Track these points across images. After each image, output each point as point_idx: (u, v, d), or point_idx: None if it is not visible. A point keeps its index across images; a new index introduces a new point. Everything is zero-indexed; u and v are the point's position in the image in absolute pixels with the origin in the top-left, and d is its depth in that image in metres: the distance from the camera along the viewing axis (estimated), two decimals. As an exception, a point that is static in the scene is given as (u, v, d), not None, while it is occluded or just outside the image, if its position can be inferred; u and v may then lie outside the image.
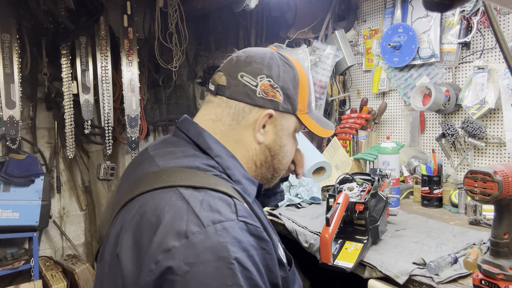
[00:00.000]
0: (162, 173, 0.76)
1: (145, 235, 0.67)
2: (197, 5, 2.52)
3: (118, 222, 0.75)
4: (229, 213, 0.69)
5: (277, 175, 0.96)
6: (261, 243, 0.70)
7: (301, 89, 0.91)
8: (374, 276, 1.10)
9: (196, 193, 0.70)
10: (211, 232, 0.64)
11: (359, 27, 2.54)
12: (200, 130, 0.86)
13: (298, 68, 0.92)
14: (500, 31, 0.59)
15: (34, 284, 2.30)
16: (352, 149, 2.31)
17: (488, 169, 0.85)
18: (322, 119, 1.00)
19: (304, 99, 0.92)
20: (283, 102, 0.88)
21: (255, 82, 0.86)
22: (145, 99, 2.82)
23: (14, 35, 2.26)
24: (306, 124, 0.93)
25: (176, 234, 0.64)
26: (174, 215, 0.66)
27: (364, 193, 1.22)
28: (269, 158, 0.91)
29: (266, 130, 0.88)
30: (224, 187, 0.75)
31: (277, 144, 0.90)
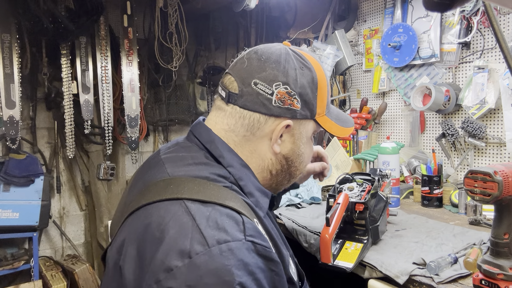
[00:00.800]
0: (170, 183, 0.73)
1: (148, 249, 0.65)
2: (197, 5, 2.52)
3: (123, 230, 0.73)
4: (236, 232, 0.65)
5: (293, 179, 0.91)
6: (270, 264, 0.66)
7: (320, 92, 0.84)
8: (374, 276, 1.10)
9: (203, 208, 0.67)
10: (215, 253, 0.61)
11: (359, 27, 2.54)
12: (213, 136, 0.81)
13: (316, 68, 0.84)
14: (500, 31, 0.59)
15: (34, 284, 2.30)
16: (352, 149, 2.31)
17: (488, 169, 0.85)
18: (342, 117, 0.94)
19: (323, 101, 0.86)
20: (301, 109, 0.82)
21: (271, 91, 0.79)
22: (145, 99, 2.82)
23: (14, 35, 2.26)
24: (325, 127, 0.88)
25: (179, 253, 0.61)
26: (178, 231, 0.63)
27: (364, 193, 1.22)
28: (285, 166, 0.86)
29: (283, 139, 0.83)
30: (233, 201, 0.71)
31: (295, 153, 0.85)
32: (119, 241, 0.72)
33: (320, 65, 0.86)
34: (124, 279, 0.67)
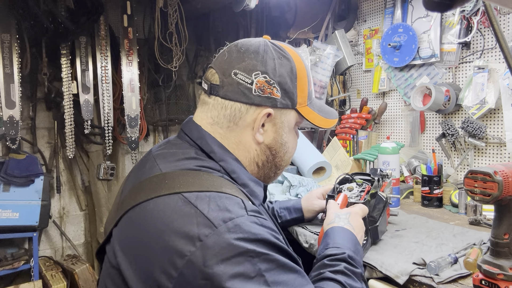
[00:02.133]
0: (164, 178, 0.74)
1: (153, 242, 0.66)
2: (197, 5, 2.52)
3: (121, 228, 0.74)
4: (239, 209, 0.68)
5: (279, 171, 0.94)
6: (273, 233, 0.70)
7: (299, 82, 0.86)
8: (374, 276, 1.10)
9: (201, 195, 0.69)
10: (223, 231, 0.64)
11: (359, 27, 2.54)
12: (203, 133, 0.83)
13: (295, 59, 0.86)
14: (500, 31, 0.59)
15: (34, 284, 2.30)
16: (352, 149, 2.31)
17: (488, 169, 0.85)
18: (324, 109, 0.95)
19: (304, 91, 0.87)
20: (281, 98, 0.83)
21: (250, 80, 0.81)
22: (145, 99, 2.82)
23: (14, 35, 2.25)
24: (307, 117, 0.89)
25: (190, 239, 0.63)
26: (183, 220, 0.65)
27: (364, 193, 1.21)
28: (270, 157, 0.88)
29: (265, 129, 0.85)
30: (229, 188, 0.73)
31: (278, 142, 0.87)
32: (117, 239, 0.73)
33: (299, 57, 0.88)
34: (125, 276, 0.68)
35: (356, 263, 0.85)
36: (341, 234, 0.93)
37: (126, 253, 0.70)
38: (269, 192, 1.77)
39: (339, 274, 0.80)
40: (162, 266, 0.64)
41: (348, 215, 1.01)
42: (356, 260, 0.86)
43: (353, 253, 0.86)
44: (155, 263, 0.65)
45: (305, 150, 2.09)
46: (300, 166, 2.04)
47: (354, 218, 1.01)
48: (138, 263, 0.67)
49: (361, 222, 1.02)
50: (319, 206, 1.32)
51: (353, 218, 1.00)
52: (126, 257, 0.69)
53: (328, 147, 2.27)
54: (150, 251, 0.66)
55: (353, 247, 0.89)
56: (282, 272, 0.66)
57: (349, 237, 0.93)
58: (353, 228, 0.96)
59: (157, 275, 0.64)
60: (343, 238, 0.91)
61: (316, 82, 2.33)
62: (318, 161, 1.97)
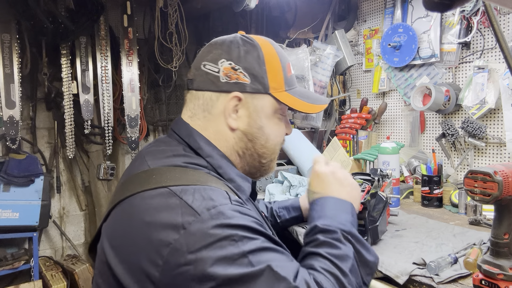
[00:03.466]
0: (152, 173, 0.76)
1: (140, 234, 0.68)
2: (197, 5, 2.52)
3: (110, 222, 0.76)
4: (222, 198, 0.71)
5: (266, 161, 0.92)
6: (257, 221, 0.72)
7: (269, 67, 0.87)
8: (374, 276, 1.10)
9: (187, 187, 0.71)
10: (206, 218, 0.66)
11: (359, 27, 2.54)
12: (190, 130, 0.86)
13: (263, 46, 0.88)
14: (500, 31, 0.59)
15: (34, 284, 2.30)
16: (352, 149, 2.31)
17: (488, 169, 0.85)
18: (309, 95, 0.94)
19: (277, 77, 0.88)
20: (250, 83, 0.85)
21: (217, 68, 0.85)
22: (145, 99, 2.82)
23: (14, 35, 2.26)
24: (284, 101, 0.88)
25: (174, 228, 0.65)
26: (168, 211, 0.67)
27: (364, 193, 1.21)
28: (249, 144, 0.88)
29: (239, 115, 0.86)
30: (215, 183, 0.75)
31: (253, 127, 0.87)
32: (105, 234, 0.75)
33: (271, 44, 0.91)
34: (114, 271, 0.69)
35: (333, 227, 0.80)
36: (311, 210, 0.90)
37: (114, 247, 0.71)
38: (269, 192, 1.77)
39: (318, 247, 0.78)
40: (148, 256, 0.65)
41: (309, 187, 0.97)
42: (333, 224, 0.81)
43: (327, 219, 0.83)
44: (142, 254, 0.66)
45: (305, 150, 2.09)
46: (300, 166, 2.04)
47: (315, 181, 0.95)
48: (125, 256, 0.69)
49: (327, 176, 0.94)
50: None
51: (315, 183, 0.95)
52: (114, 251, 0.71)
53: (328, 147, 2.27)
54: (137, 243, 0.68)
55: (326, 213, 0.85)
56: (266, 252, 0.67)
57: (317, 207, 0.89)
58: (318, 193, 0.92)
59: (144, 265, 0.65)
60: (313, 212, 0.88)
61: (316, 82, 2.33)
62: (318, 161, 1.97)
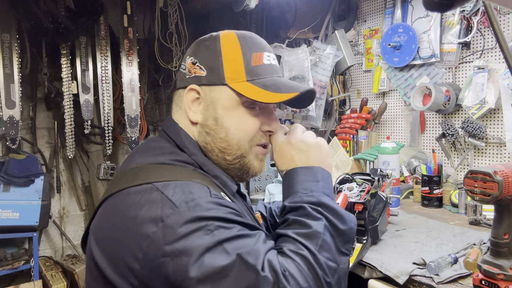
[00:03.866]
0: (140, 170, 0.78)
1: (124, 228, 0.70)
2: (197, 5, 2.52)
3: (97, 218, 0.78)
4: (202, 192, 0.72)
5: (231, 158, 0.86)
6: (238, 212, 0.73)
7: (226, 57, 0.85)
8: (374, 276, 1.10)
9: (170, 183, 0.73)
10: (183, 210, 0.67)
11: (359, 27, 2.54)
12: (178, 129, 0.88)
13: (224, 37, 0.88)
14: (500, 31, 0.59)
15: (34, 284, 2.30)
16: (352, 149, 2.31)
17: (488, 169, 0.85)
18: (279, 85, 0.85)
19: (235, 66, 0.85)
20: (206, 75, 0.85)
21: (185, 66, 0.89)
22: (145, 99, 2.82)
23: (14, 35, 2.25)
24: (241, 91, 0.83)
25: (153, 221, 0.67)
26: (150, 205, 0.69)
27: (364, 193, 1.21)
28: (208, 138, 0.86)
29: (199, 108, 0.87)
30: (200, 179, 0.77)
31: (209, 119, 0.85)
32: (92, 231, 0.77)
33: (235, 35, 0.88)
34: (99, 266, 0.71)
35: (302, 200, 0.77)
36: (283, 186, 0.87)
37: (99, 243, 0.73)
38: (269, 192, 1.77)
39: (287, 227, 0.76)
40: (130, 249, 0.67)
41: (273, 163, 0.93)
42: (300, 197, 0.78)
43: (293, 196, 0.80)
44: (125, 248, 0.68)
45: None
46: (300, 166, 2.04)
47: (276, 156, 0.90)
48: (110, 251, 0.71)
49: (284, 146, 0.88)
50: None
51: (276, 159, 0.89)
52: (99, 247, 0.73)
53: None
54: (120, 237, 0.70)
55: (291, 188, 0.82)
56: (240, 239, 0.68)
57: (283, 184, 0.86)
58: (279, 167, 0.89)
59: (127, 259, 0.67)
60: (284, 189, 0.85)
61: (316, 82, 2.33)
62: (318, 161, 1.96)
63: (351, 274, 1.16)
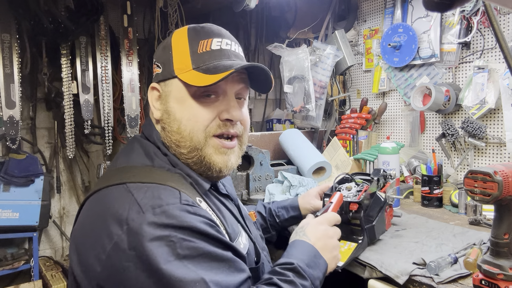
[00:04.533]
0: (119, 171, 0.81)
1: (93, 227, 0.72)
2: (197, 5, 2.52)
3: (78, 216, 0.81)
4: (172, 198, 0.72)
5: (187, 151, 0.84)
6: (208, 221, 0.73)
7: (175, 50, 0.87)
8: (374, 276, 1.10)
9: (142, 185, 0.74)
10: (148, 216, 0.68)
11: (359, 27, 2.54)
12: (151, 129, 0.90)
13: (175, 33, 0.91)
14: (500, 31, 0.59)
15: (34, 284, 2.30)
16: (352, 149, 2.31)
17: (488, 169, 0.85)
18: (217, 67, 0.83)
19: (182, 57, 0.85)
20: (161, 72, 0.89)
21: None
22: (145, 99, 2.82)
23: (14, 35, 2.26)
24: (186, 80, 0.83)
25: (119, 223, 0.68)
26: (118, 207, 0.70)
27: (360, 193, 1.21)
28: (163, 133, 0.87)
29: (161, 106, 0.88)
30: (174, 182, 0.78)
31: (164, 114, 0.86)
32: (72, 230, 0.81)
33: (185, 28, 0.89)
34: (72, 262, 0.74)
35: (307, 274, 0.84)
36: (295, 246, 0.93)
37: (74, 241, 0.76)
38: (269, 192, 1.77)
39: (287, 283, 0.80)
40: (95, 248, 0.68)
41: (305, 227, 0.99)
42: (308, 272, 0.85)
43: (305, 264, 0.86)
44: (91, 247, 0.69)
45: (305, 150, 2.09)
46: (300, 166, 2.04)
47: (312, 228, 0.98)
48: (80, 249, 0.73)
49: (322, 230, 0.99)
50: (315, 204, 1.32)
51: (311, 229, 0.98)
52: (73, 244, 0.75)
53: (328, 147, 2.27)
54: (90, 234, 0.71)
55: (307, 259, 0.88)
56: (205, 260, 0.68)
57: (304, 249, 0.92)
58: (309, 239, 0.95)
59: (91, 260, 0.68)
60: (297, 249, 0.92)
61: (316, 82, 2.33)
62: (318, 161, 1.97)
63: (351, 274, 1.16)
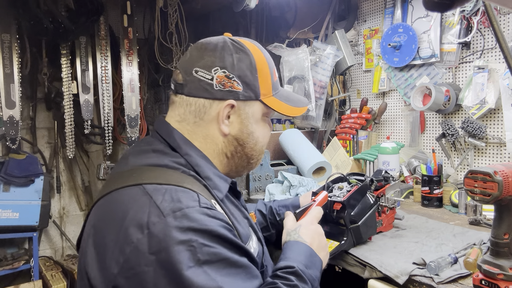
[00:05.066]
0: (133, 172, 0.79)
1: (110, 229, 0.70)
2: (197, 5, 2.52)
3: (89, 218, 0.79)
4: (191, 201, 0.71)
5: (253, 161, 0.96)
6: (226, 225, 0.73)
7: (260, 74, 0.90)
8: (374, 276, 1.10)
9: (159, 187, 0.73)
10: (170, 220, 0.67)
11: (359, 27, 2.54)
12: (170, 129, 0.88)
13: (254, 53, 0.90)
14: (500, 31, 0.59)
15: (34, 284, 2.30)
16: (352, 149, 2.31)
17: (488, 169, 0.85)
18: (292, 97, 0.98)
19: (267, 83, 0.91)
20: (243, 91, 0.87)
21: (210, 76, 0.85)
22: (145, 99, 2.82)
23: (14, 35, 2.25)
24: (273, 107, 0.92)
25: (139, 227, 0.67)
26: (137, 209, 0.69)
27: (348, 193, 1.21)
28: (238, 148, 0.91)
29: (231, 120, 0.88)
30: (190, 184, 0.77)
31: (244, 133, 0.90)
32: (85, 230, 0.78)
33: (260, 50, 0.92)
34: (87, 264, 0.72)
35: (307, 276, 0.85)
36: (292, 248, 0.93)
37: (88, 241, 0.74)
38: (269, 192, 1.77)
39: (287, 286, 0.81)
40: (113, 252, 0.67)
41: (298, 229, 1.00)
42: (307, 274, 0.86)
43: (304, 266, 0.87)
44: (109, 249, 0.68)
45: (305, 150, 2.09)
46: (300, 166, 2.04)
47: (305, 230, 0.99)
48: (97, 250, 0.71)
49: (313, 230, 1.00)
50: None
51: (304, 230, 0.99)
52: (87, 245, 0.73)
53: (328, 147, 2.27)
54: (107, 237, 0.70)
55: (304, 260, 0.89)
56: (224, 266, 0.68)
57: (301, 250, 0.92)
58: (304, 240, 0.96)
59: (108, 262, 0.67)
60: (294, 251, 0.92)
61: (316, 82, 2.33)
62: (318, 161, 1.97)
63: (351, 274, 1.16)
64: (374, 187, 1.29)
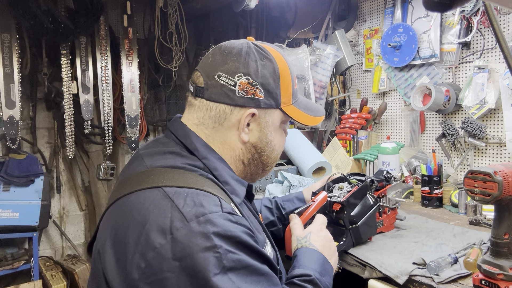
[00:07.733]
0: (150, 173, 0.77)
1: (130, 233, 0.68)
2: (197, 5, 2.52)
3: (105, 219, 0.77)
4: (213, 206, 0.70)
5: (268, 168, 0.96)
6: (248, 231, 0.72)
7: (283, 82, 0.88)
8: (374, 276, 1.10)
9: (180, 190, 0.71)
10: (194, 225, 0.65)
11: (359, 27, 2.54)
12: (187, 131, 0.86)
13: (278, 60, 0.88)
14: (500, 31, 0.59)
15: (34, 284, 2.30)
16: (352, 149, 2.31)
17: (488, 169, 0.85)
18: (310, 106, 0.97)
19: (288, 91, 0.90)
20: (264, 99, 0.86)
21: (233, 82, 0.83)
22: (145, 99, 2.82)
23: (14, 35, 2.25)
24: (292, 115, 0.91)
25: (162, 232, 0.65)
26: (159, 213, 0.68)
27: (348, 193, 1.21)
28: (256, 155, 0.90)
29: (250, 128, 0.87)
30: (210, 188, 0.75)
31: (263, 141, 0.90)
32: (102, 230, 0.76)
33: (283, 57, 0.90)
34: (105, 266, 0.70)
35: (322, 285, 0.85)
36: (305, 255, 0.93)
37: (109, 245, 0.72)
38: (269, 192, 1.77)
39: None
40: (133, 256, 0.66)
41: (308, 236, 0.99)
42: (322, 282, 0.86)
43: (319, 274, 0.87)
44: (129, 254, 0.66)
45: (305, 150, 2.09)
46: (300, 166, 2.04)
47: (316, 237, 0.99)
48: (117, 254, 0.69)
49: (323, 236, 1.00)
50: None
51: (315, 238, 0.98)
52: (104, 246, 0.72)
53: (328, 147, 2.27)
54: (127, 241, 0.68)
55: (319, 268, 0.89)
56: (247, 274, 0.67)
57: (315, 258, 0.92)
58: (316, 248, 0.95)
59: (128, 266, 0.66)
60: (308, 259, 0.91)
61: (316, 82, 2.33)
62: (318, 161, 1.97)
63: (351, 274, 1.16)
64: (374, 187, 1.29)
